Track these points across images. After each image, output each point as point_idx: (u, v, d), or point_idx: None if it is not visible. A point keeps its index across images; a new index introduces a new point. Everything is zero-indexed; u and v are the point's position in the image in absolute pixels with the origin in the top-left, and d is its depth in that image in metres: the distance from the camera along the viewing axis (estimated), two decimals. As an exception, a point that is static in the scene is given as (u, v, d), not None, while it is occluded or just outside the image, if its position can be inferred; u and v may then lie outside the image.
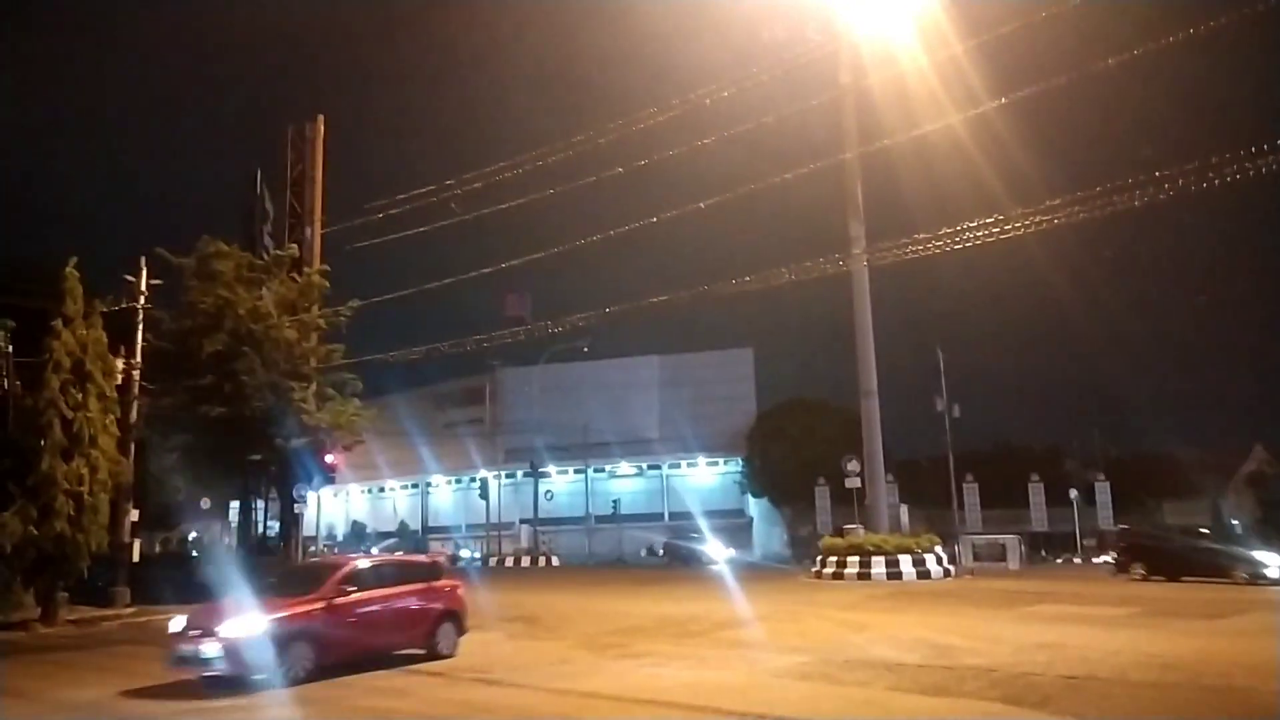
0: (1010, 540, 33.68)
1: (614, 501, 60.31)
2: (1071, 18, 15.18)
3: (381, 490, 72.05)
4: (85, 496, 18.14)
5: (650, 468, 63.73)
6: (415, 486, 70.69)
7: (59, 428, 18.09)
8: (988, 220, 15.56)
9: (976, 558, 32.96)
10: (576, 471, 63.27)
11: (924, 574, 25.68)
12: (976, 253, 16.90)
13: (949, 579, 26.08)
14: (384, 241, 23.40)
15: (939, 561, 26.63)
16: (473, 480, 64.50)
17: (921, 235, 16.53)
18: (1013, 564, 32.31)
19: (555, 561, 48.56)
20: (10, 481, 18.10)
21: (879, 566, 25.55)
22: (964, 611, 16.50)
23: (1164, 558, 24.79)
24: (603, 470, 63.85)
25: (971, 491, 43.85)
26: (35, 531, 17.45)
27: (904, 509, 42.32)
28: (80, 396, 18.56)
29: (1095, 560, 40.26)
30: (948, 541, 31.36)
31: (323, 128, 29.59)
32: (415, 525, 69.10)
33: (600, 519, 59.43)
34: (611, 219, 21.15)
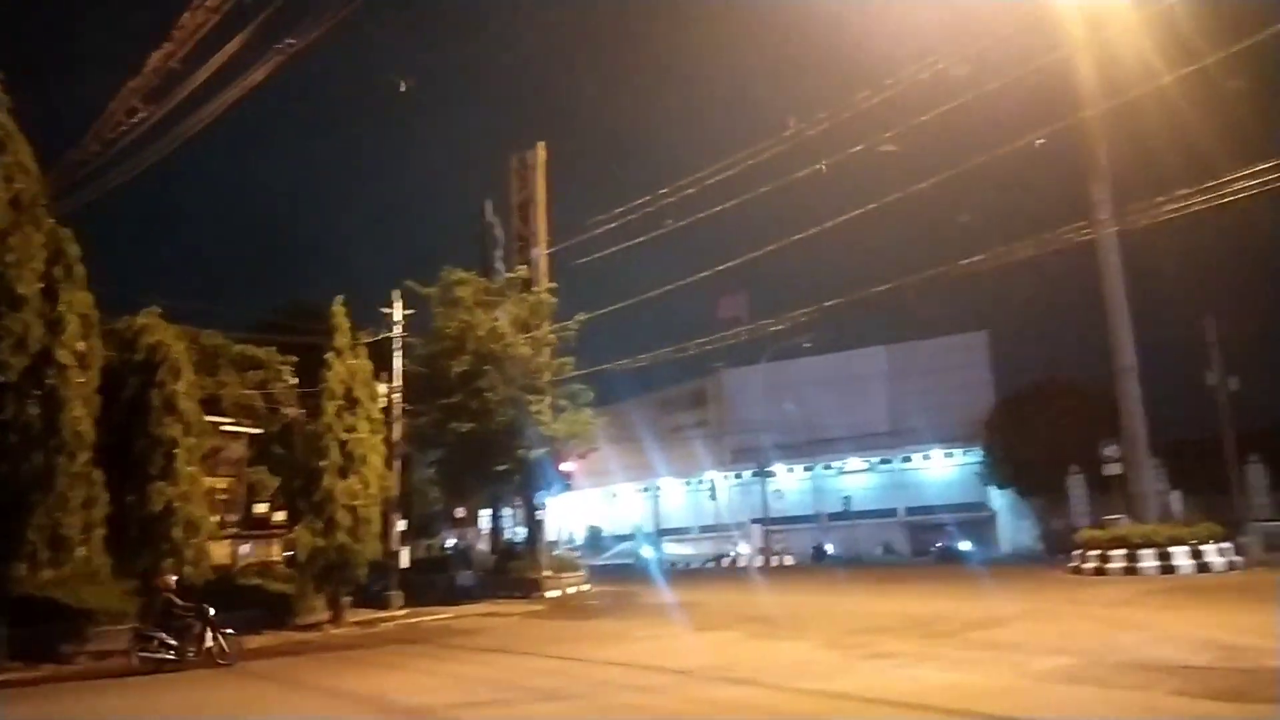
0: (1310, 527, 29.56)
1: (845, 498, 59.04)
2: None
3: (615, 494, 74.63)
4: (360, 510, 20.19)
5: (882, 462, 61.75)
6: (647, 489, 72.64)
7: (336, 449, 20.26)
8: (1250, 171, 13.75)
9: (1269, 547, 29.18)
10: (805, 469, 62.51)
11: (1203, 567, 23.10)
12: (1241, 208, 15.01)
13: (1235, 571, 23.29)
14: (604, 256, 24.23)
15: (1221, 553, 23.86)
16: (701, 481, 65.45)
17: (1181, 191, 14.85)
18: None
19: (789, 560, 48.19)
20: (300, 499, 20.56)
21: (1149, 560, 23.29)
22: (1257, 608, 14.64)
23: None
24: (831, 467, 62.66)
25: (1256, 473, 38.87)
26: (321, 542, 19.63)
27: (1175, 495, 38.23)
28: (352, 420, 20.69)
29: None
30: (1231, 529, 28.04)
31: (543, 153, 31.22)
32: (648, 527, 71.05)
33: (832, 516, 58.36)
34: (827, 210, 20.68)
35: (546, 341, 28.18)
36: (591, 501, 76.59)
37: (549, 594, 26.83)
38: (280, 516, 27.56)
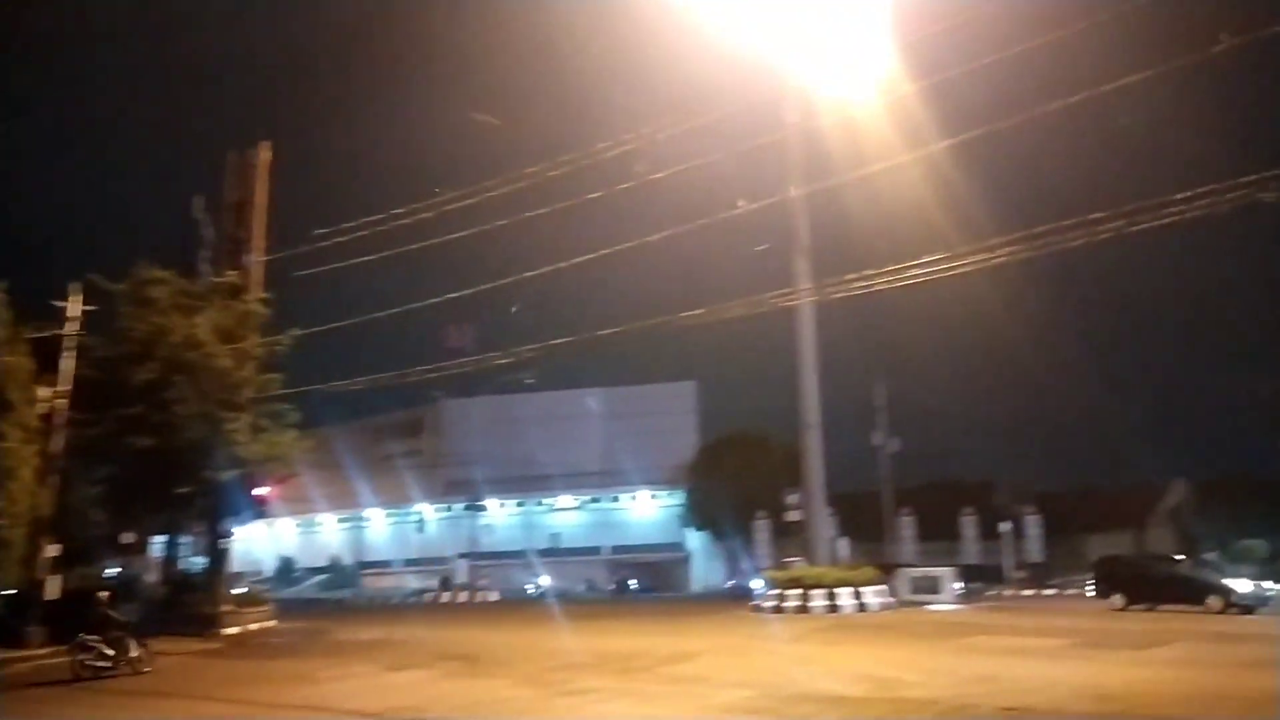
0: (944, 572, 34.18)
1: (553, 534, 59.84)
2: (1015, 64, 15.77)
3: (314, 524, 70.24)
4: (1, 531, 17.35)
5: (592, 500, 63.39)
6: (350, 520, 69.08)
7: (-25, 458, 17.32)
8: (932, 258, 16.00)
9: (913, 590, 33.37)
10: (517, 504, 62.61)
11: (863, 607, 25.88)
12: (920, 290, 17.36)
13: (887, 611, 26.35)
14: (326, 270, 23.02)
15: (877, 594, 26.90)
16: (409, 513, 63.41)
17: (868, 271, 16.90)
18: (947, 596, 32.78)
19: (493, 596, 47.79)
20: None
21: (819, 599, 25.70)
22: (904, 644, 16.67)
23: (1144, 586, 24.42)
24: (543, 503, 63.33)
25: (908, 524, 44.55)
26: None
27: (843, 541, 42.71)
28: (1, 426, 17.81)
29: (1023, 592, 41.26)
30: (887, 573, 31.71)
31: (267, 154, 29.13)
32: (349, 560, 67.47)
33: (541, 553, 58.82)
34: (559, 252, 21.16)
35: (252, 355, 26.06)
36: (286, 531, 71.45)
37: (228, 630, 24.45)
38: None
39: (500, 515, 62.33)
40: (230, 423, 24.35)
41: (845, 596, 25.88)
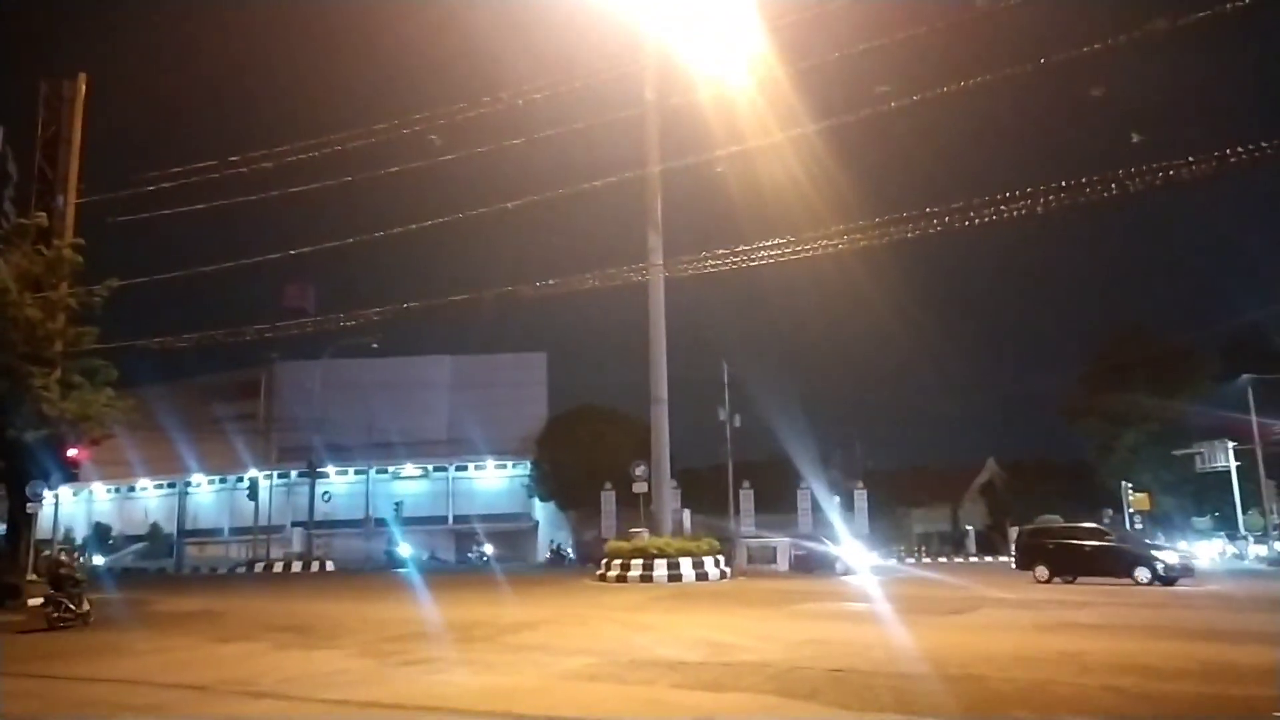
0: (781, 543, 35.80)
1: (396, 504, 58.45)
2: (880, 54, 16.43)
3: (132, 490, 65.77)
4: None
5: (436, 470, 62.30)
6: (173, 486, 65.11)
7: None
8: (778, 241, 16.55)
9: (751, 560, 34.77)
10: (357, 472, 60.75)
11: (703, 576, 26.73)
12: (770, 271, 17.95)
13: (726, 580, 27.30)
14: (152, 218, 21.40)
15: (717, 564, 27.83)
16: (240, 480, 60.32)
17: (721, 250, 17.31)
18: (782, 566, 34.34)
19: (330, 566, 46.29)
20: None
21: (661, 569, 26.33)
22: (740, 611, 17.33)
23: (1067, 558, 24.04)
24: (385, 471, 61.68)
25: (747, 498, 46.24)
26: None
27: (686, 514, 43.88)
28: None
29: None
30: (726, 544, 32.84)
31: (84, 86, 26.64)
32: (170, 528, 63.64)
33: (380, 522, 57.37)
34: (412, 214, 20.52)
35: (63, 305, 23.91)
36: (101, 497, 66.57)
37: (34, 601, 22.55)
38: None
39: (340, 484, 60.27)
40: (37, 378, 22.32)
41: (687, 566, 26.65)
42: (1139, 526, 46.93)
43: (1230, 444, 44.43)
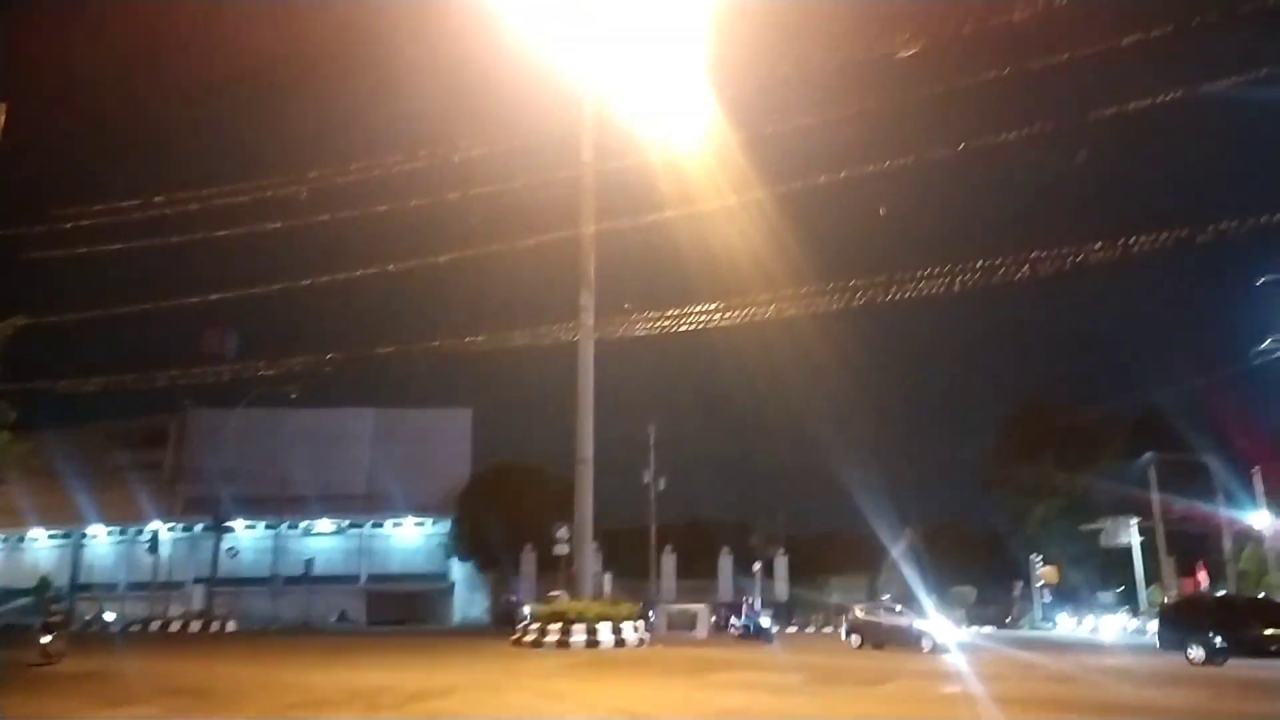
0: (701, 609, 35.55)
1: (307, 561, 56.31)
2: (830, 127, 16.97)
3: (21, 540, 62.07)
4: None
5: (351, 526, 60.38)
6: (67, 537, 61.64)
7: None
8: (708, 306, 16.80)
9: (670, 625, 34.38)
10: (267, 526, 58.55)
11: (621, 642, 26.28)
12: (698, 334, 18.16)
13: (644, 646, 26.89)
14: (64, 256, 20.63)
15: (636, 630, 27.43)
16: (140, 532, 57.50)
17: (651, 313, 17.45)
18: (701, 632, 34.04)
19: (231, 626, 44.07)
20: None
21: (579, 634, 25.81)
22: (656, 680, 17.05)
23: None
24: (296, 527, 59.54)
25: (669, 562, 45.97)
26: None
27: (607, 577, 43.34)
28: None
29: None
30: (646, 608, 32.44)
31: (2, 115, 25.71)
32: (62, 581, 60.02)
33: (290, 580, 55.14)
34: (341, 263, 20.24)
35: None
36: (-13, 546, 62.67)
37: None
38: None
39: (248, 538, 57.92)
40: (-75, 418, 21.07)
41: (605, 631, 26.18)
42: (1046, 600, 48.04)
43: (1134, 520, 45.96)
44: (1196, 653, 21.68)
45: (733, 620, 34.54)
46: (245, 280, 21.39)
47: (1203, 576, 45.55)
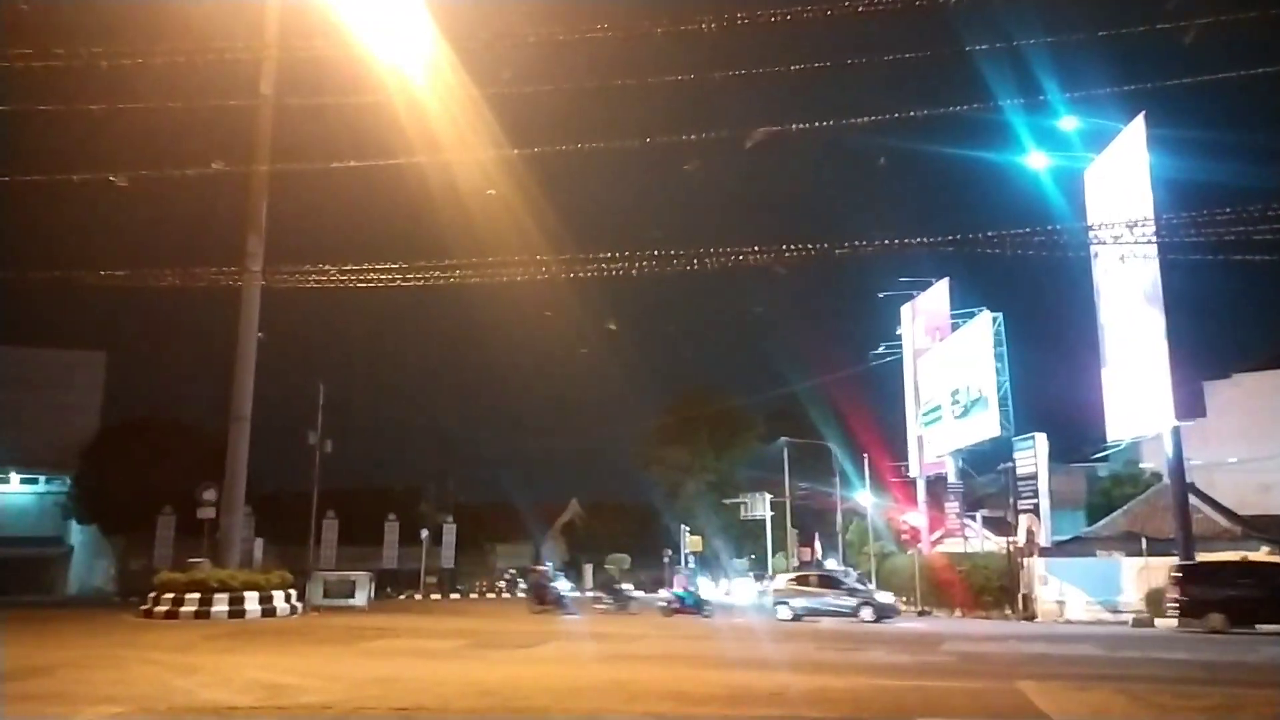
0: (361, 577, 34.44)
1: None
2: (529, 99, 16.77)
3: None
4: None
5: (-62, 482, 50.92)
6: None
7: None
8: (389, 265, 16.17)
9: (327, 594, 32.96)
10: None
11: (270, 611, 24.81)
12: (379, 293, 17.39)
13: (295, 616, 25.57)
14: None
15: (288, 599, 26.01)
16: None
17: (327, 266, 16.44)
18: (361, 600, 33.03)
19: None
20: None
21: (221, 604, 23.97)
22: (305, 650, 16.30)
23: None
24: None
25: (331, 528, 44.04)
26: None
27: (259, 543, 40.61)
28: None
29: (433, 596, 43.67)
30: (302, 577, 30.86)
31: None
32: None
33: None
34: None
35: None
36: None
37: None
38: None
39: None
40: None
41: (253, 601, 24.56)
42: (691, 566, 52.61)
43: (768, 496, 51.98)
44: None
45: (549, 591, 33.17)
46: None
47: (817, 546, 52.77)
